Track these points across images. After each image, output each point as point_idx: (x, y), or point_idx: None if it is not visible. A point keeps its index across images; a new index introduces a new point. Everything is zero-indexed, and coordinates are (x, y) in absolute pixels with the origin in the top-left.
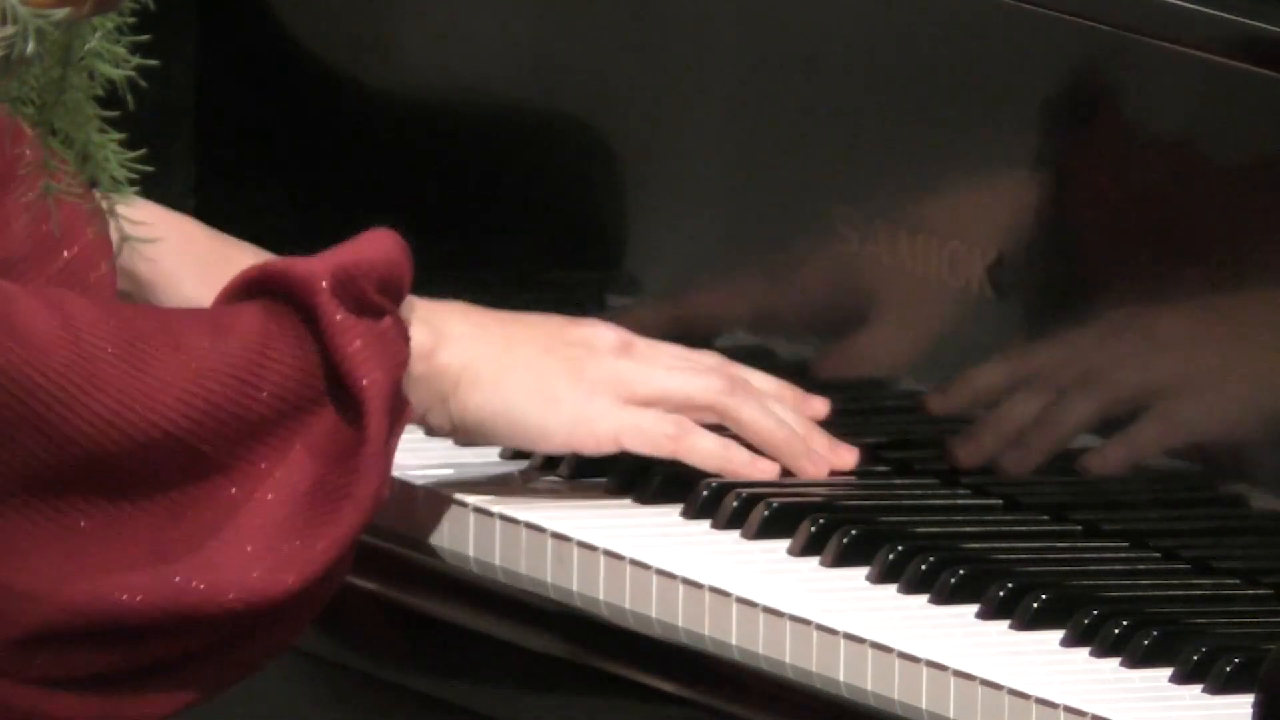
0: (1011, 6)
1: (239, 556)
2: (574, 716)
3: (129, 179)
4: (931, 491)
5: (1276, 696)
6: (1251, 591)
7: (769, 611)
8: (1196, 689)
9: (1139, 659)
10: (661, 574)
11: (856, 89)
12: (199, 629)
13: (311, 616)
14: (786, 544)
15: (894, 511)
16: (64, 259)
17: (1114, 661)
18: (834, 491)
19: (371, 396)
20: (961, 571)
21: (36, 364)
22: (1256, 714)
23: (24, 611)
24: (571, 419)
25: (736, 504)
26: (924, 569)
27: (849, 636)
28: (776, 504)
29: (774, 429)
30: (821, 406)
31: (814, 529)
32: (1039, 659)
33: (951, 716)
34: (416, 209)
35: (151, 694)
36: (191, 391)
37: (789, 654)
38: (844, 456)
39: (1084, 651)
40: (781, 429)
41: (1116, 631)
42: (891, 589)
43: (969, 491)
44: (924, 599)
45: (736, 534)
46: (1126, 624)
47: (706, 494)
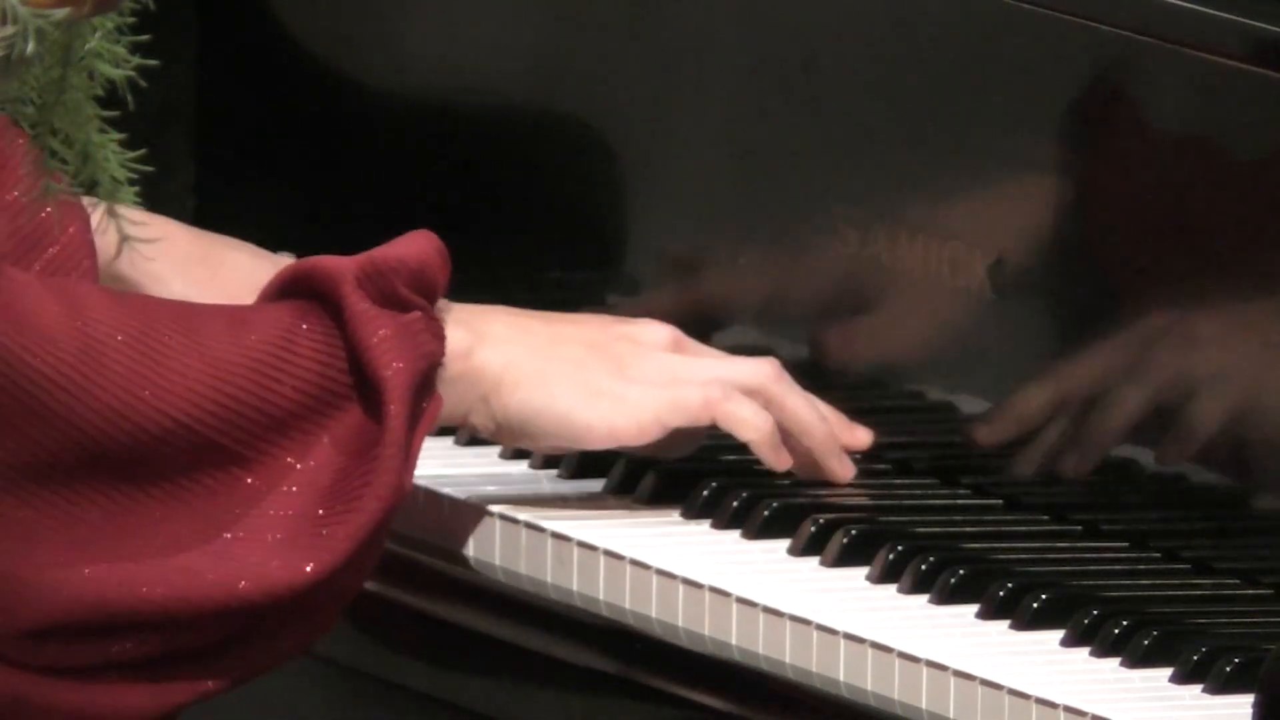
0: (1012, 7)
1: (259, 547)
2: (573, 717)
3: (129, 179)
4: (931, 491)
5: (1276, 696)
6: (1251, 591)
7: (769, 611)
8: (1196, 689)
9: (1139, 659)
10: (661, 574)
11: (857, 89)
12: (212, 619)
13: (337, 610)
14: (786, 544)
15: (894, 511)
16: (46, 257)
17: (1114, 661)
18: (834, 491)
19: (393, 386)
20: (961, 571)
21: (43, 353)
22: (1256, 714)
23: (32, 601)
24: (611, 410)
25: (737, 504)
26: (924, 569)
27: (849, 636)
28: (777, 504)
29: (816, 422)
30: (865, 437)
31: (814, 529)
32: (1039, 659)
33: (951, 716)
34: (416, 209)
35: (166, 683)
36: (205, 382)
37: (789, 654)
38: (860, 437)
39: (1084, 651)
40: (823, 424)
41: (1116, 631)
42: (891, 589)
43: (969, 491)
44: (924, 599)
45: (736, 534)
46: (1126, 624)
47: (706, 494)
